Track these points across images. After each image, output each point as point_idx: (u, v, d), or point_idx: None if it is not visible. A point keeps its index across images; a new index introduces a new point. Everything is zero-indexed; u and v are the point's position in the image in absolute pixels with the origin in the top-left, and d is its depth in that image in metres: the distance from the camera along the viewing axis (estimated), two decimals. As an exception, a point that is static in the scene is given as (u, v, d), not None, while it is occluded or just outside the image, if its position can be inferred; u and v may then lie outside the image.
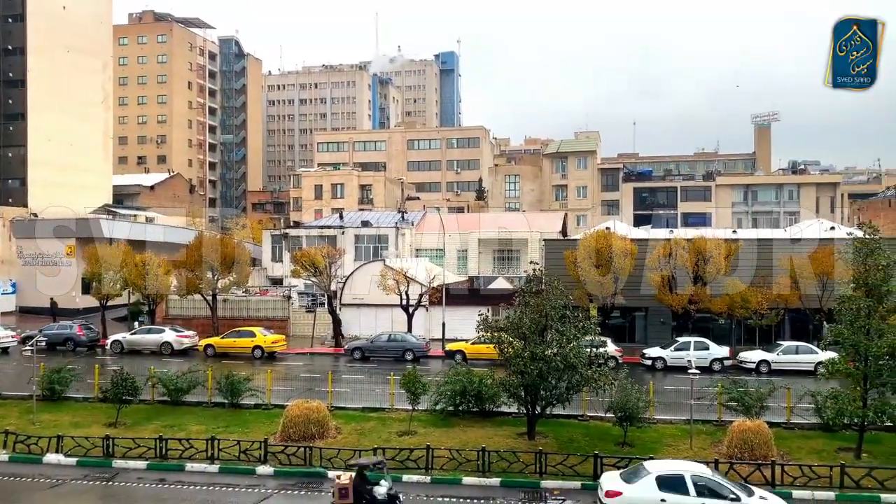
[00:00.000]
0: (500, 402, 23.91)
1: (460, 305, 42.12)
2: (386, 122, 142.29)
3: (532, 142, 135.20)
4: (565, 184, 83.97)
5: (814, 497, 18.38)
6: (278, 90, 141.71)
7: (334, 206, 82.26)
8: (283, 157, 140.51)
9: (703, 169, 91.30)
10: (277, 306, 47.44)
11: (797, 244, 39.26)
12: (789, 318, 38.91)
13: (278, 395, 27.19)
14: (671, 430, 23.20)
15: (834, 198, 77.21)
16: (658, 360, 35.18)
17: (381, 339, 38.43)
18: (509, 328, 22.08)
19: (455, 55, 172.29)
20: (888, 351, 19.73)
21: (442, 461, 20.14)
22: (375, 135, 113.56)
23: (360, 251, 54.73)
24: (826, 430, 22.42)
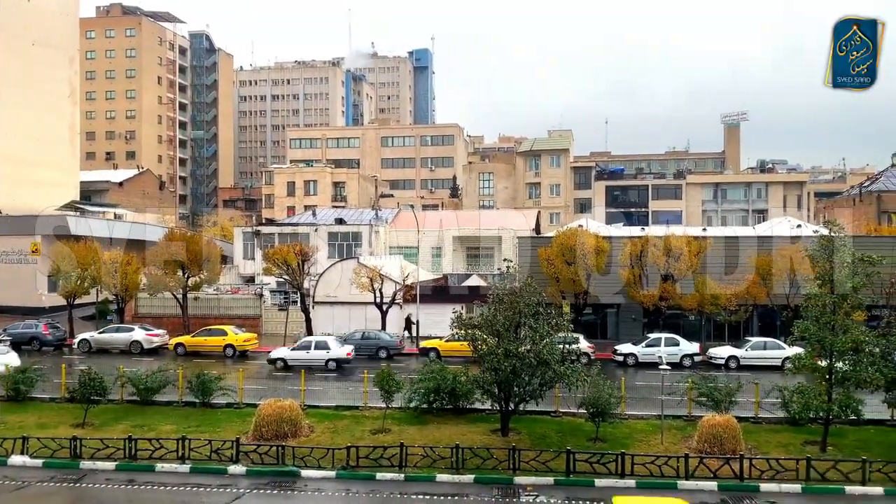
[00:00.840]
0: (473, 398, 23.99)
1: (434, 303, 42.10)
2: (359, 119, 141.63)
3: (506, 140, 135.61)
4: (539, 182, 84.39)
5: (781, 490, 18.77)
6: (250, 86, 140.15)
7: (307, 203, 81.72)
8: (255, 153, 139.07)
9: (673, 167, 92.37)
10: (249, 304, 46.97)
11: (765, 242, 39.99)
12: (757, 314, 39.59)
13: (250, 393, 26.94)
14: (642, 425, 23.50)
15: (801, 196, 78.72)
16: (629, 356, 35.58)
17: (354, 337, 38.25)
18: (483, 325, 22.16)
19: (429, 52, 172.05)
20: (852, 346, 20.19)
21: (416, 459, 20.16)
22: (349, 131, 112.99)
23: (333, 249, 54.41)
24: (793, 424, 22.89)
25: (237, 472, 20.00)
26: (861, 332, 20.42)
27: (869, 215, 50.86)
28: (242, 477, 19.85)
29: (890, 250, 34.34)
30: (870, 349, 20.35)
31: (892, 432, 22.95)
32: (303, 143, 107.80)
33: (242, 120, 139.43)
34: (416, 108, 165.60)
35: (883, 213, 50.93)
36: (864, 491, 18.63)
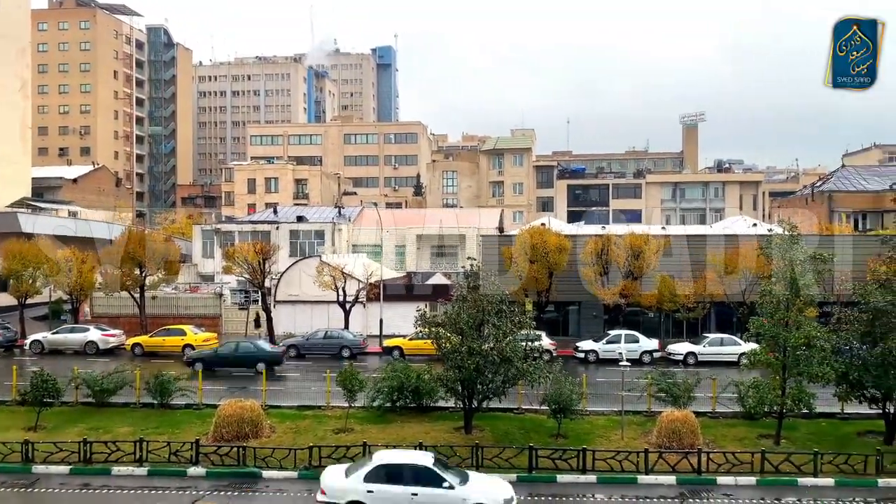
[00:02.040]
0: (437, 396, 24.01)
1: (398, 301, 42.04)
2: (322, 116, 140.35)
3: (469, 138, 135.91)
4: (502, 180, 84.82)
5: (737, 482, 19.21)
6: (210, 81, 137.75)
7: (268, 200, 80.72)
8: (215, 150, 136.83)
9: (633, 167, 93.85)
10: (209, 303, 46.22)
11: (722, 240, 40.86)
12: (715, 311, 40.43)
13: (210, 394, 26.53)
14: (603, 421, 23.80)
15: (756, 196, 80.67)
16: (591, 352, 36.01)
17: (317, 337, 37.97)
18: (447, 323, 22.18)
19: (392, 50, 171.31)
20: (805, 342, 20.77)
21: (379, 457, 20.05)
22: (311, 128, 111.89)
23: (295, 247, 53.90)
24: (748, 419, 23.44)
25: (197, 474, 19.65)
26: (813, 328, 21.00)
27: (821, 214, 52.34)
28: (202, 479, 19.52)
29: (840, 249, 35.54)
30: (821, 345, 20.93)
31: (842, 425, 23.70)
32: (264, 139, 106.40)
33: (202, 116, 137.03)
34: (380, 106, 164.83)
35: (834, 213, 52.49)
36: (815, 482, 19.19)
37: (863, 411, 23.54)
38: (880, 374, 21.08)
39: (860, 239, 40.94)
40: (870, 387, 21.53)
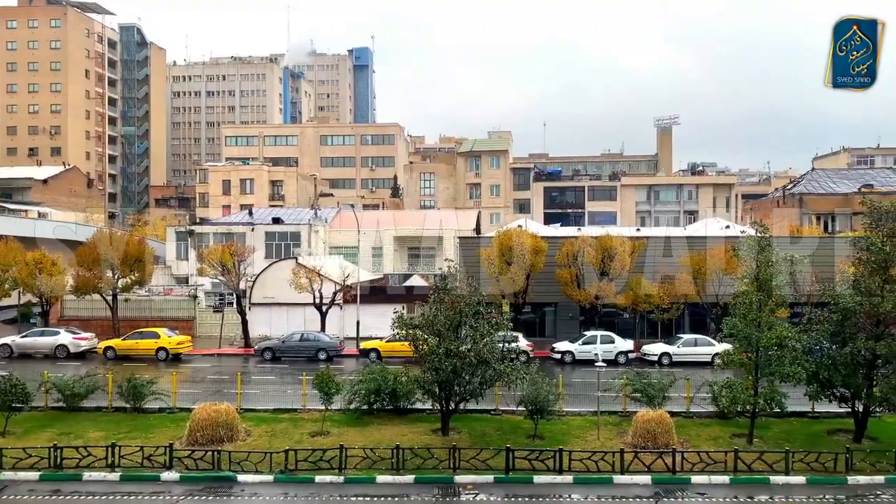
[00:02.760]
0: (414, 399, 23.95)
1: (375, 303, 41.91)
2: (298, 117, 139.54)
3: (447, 140, 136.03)
4: (479, 182, 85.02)
5: (710, 481, 19.44)
6: (184, 81, 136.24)
7: (243, 202, 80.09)
8: (189, 150, 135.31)
9: (609, 169, 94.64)
10: (183, 306, 45.71)
11: (696, 242, 41.38)
12: (689, 312, 40.92)
13: (184, 398, 26.21)
14: (579, 421, 23.95)
15: (729, 198, 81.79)
16: (567, 353, 36.23)
17: (293, 339, 37.72)
18: (424, 325, 22.15)
19: (369, 51, 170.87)
20: (777, 342, 21.10)
21: (356, 460, 20.00)
22: (287, 129, 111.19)
23: (270, 249, 53.49)
24: (722, 418, 23.75)
25: (171, 479, 19.40)
26: (785, 329, 21.31)
27: (792, 216, 53.22)
28: (176, 483, 19.28)
29: (810, 250, 36.20)
30: (792, 345, 21.27)
31: (813, 423, 24.11)
32: (239, 140, 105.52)
33: (176, 116, 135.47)
34: (357, 107, 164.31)
35: (805, 215, 53.42)
36: (787, 480, 19.50)
37: (833, 410, 23.96)
38: (849, 373, 21.48)
39: (830, 240, 41.67)
40: (839, 386, 21.93)
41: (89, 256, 39.63)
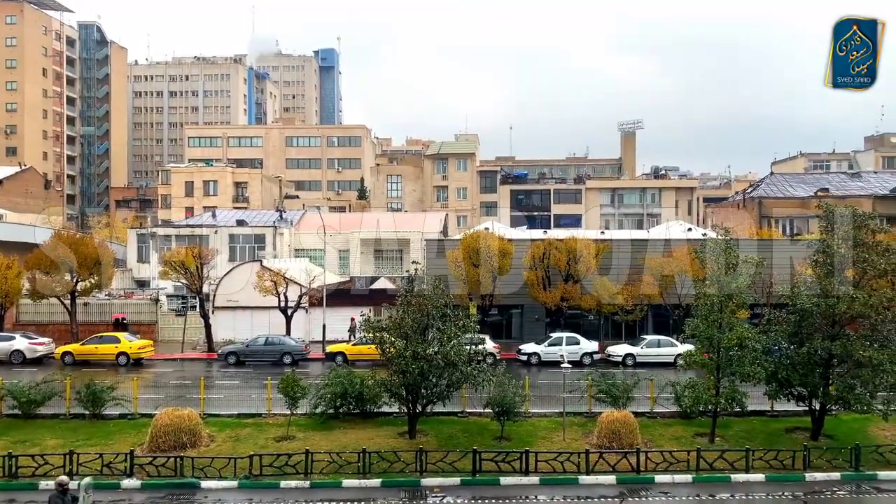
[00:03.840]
0: (381, 402, 23.87)
1: (341, 306, 41.67)
2: (263, 118, 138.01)
3: (414, 142, 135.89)
4: (446, 185, 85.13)
5: (674, 480, 19.76)
6: (146, 81, 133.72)
7: (206, 204, 78.87)
8: (151, 151, 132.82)
9: (574, 173, 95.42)
10: (144, 310, 44.85)
11: (659, 244, 42.00)
12: (652, 313, 41.51)
13: (146, 403, 25.70)
14: (545, 422, 24.12)
15: (691, 201, 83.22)
16: (533, 355, 36.48)
17: (257, 343, 37.30)
18: (391, 328, 22.11)
19: (335, 52, 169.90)
20: (737, 343, 21.54)
21: (322, 465, 19.84)
22: (251, 130, 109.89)
23: (234, 251, 52.85)
24: (684, 418, 24.15)
25: (131, 487, 19.00)
26: (745, 330, 21.76)
27: (751, 219, 54.39)
28: (137, 491, 18.89)
29: (769, 252, 37.05)
30: (752, 345, 21.72)
31: (772, 422, 24.67)
32: (202, 141, 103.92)
33: (137, 116, 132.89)
34: (323, 109, 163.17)
35: (764, 218, 54.62)
36: (747, 478, 19.91)
37: (791, 409, 24.55)
38: (806, 372, 22.03)
39: (788, 243, 42.70)
40: (797, 385, 22.47)
41: (46, 259, 38.60)
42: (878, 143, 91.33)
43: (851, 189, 56.80)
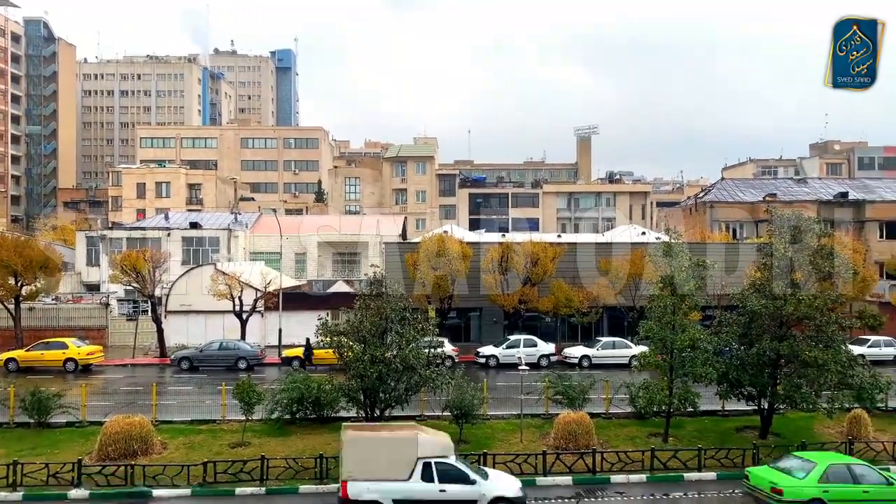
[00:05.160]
0: (339, 407, 23.70)
1: (298, 310, 41.19)
2: (217, 119, 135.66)
3: (372, 145, 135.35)
4: (405, 188, 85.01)
5: (629, 480, 20.08)
6: (96, 80, 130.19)
7: (159, 206, 77.23)
8: (101, 152, 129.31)
9: (531, 177, 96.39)
10: (94, 314, 43.62)
11: (614, 248, 42.69)
12: (607, 315, 42.15)
13: (95, 410, 24.99)
14: (503, 424, 24.26)
15: (645, 205, 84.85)
16: (491, 357, 36.67)
17: (211, 348, 36.61)
18: (349, 332, 21.97)
19: (292, 53, 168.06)
20: (690, 344, 22.02)
21: (278, 471, 19.57)
22: (206, 131, 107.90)
23: (188, 254, 51.78)
24: (639, 418, 24.56)
25: (79, 497, 18.43)
26: (697, 331, 22.27)
27: (703, 223, 55.67)
28: (85, 501, 18.33)
29: (721, 256, 37.97)
30: (704, 346, 22.26)
31: (723, 421, 25.28)
32: (155, 142, 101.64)
33: (87, 116, 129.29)
34: (279, 110, 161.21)
35: (715, 222, 55.95)
36: (699, 476, 20.37)
37: (741, 408, 25.21)
38: (755, 373, 22.66)
39: (737, 246, 43.84)
40: (747, 385, 23.09)
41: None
42: (822, 151, 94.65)
43: (798, 194, 58.61)
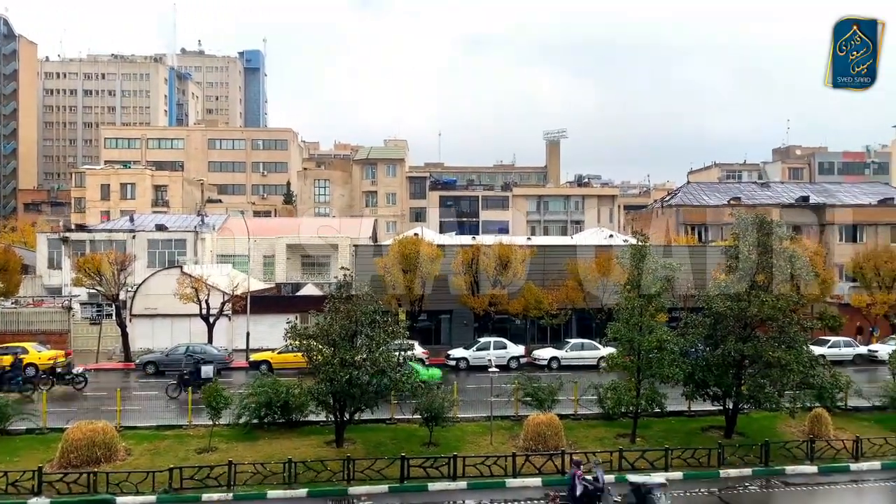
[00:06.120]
0: (307, 411, 23.50)
1: (267, 314, 40.79)
2: (184, 120, 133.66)
3: (342, 147, 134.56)
4: (375, 190, 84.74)
5: (597, 480, 20.20)
6: (58, 79, 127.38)
7: (124, 207, 75.78)
8: (64, 152, 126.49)
9: (501, 180, 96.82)
10: (56, 318, 42.57)
11: (582, 250, 43.09)
12: (576, 317, 42.49)
13: (57, 417, 24.43)
14: (473, 427, 24.30)
15: (612, 209, 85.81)
16: (461, 360, 36.73)
17: (177, 352, 36.01)
18: (319, 335, 21.80)
19: (261, 54, 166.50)
20: (657, 345, 22.32)
21: (245, 476, 19.34)
22: (172, 132, 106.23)
23: (154, 257, 50.91)
24: (607, 419, 24.80)
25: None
26: (664, 333, 22.59)
27: (669, 226, 56.45)
28: (46, 510, 17.89)
29: (687, 258, 38.53)
30: (671, 347, 22.59)
31: (689, 422, 25.65)
32: (119, 142, 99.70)
33: (49, 115, 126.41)
34: (247, 111, 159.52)
35: (681, 225, 56.78)
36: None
37: (707, 408, 25.62)
38: (721, 373, 23.05)
39: (703, 249, 44.55)
40: (712, 385, 23.47)
41: (-55, 265, 36.19)
42: (784, 156, 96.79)
43: (761, 198, 59.82)
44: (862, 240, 54.49)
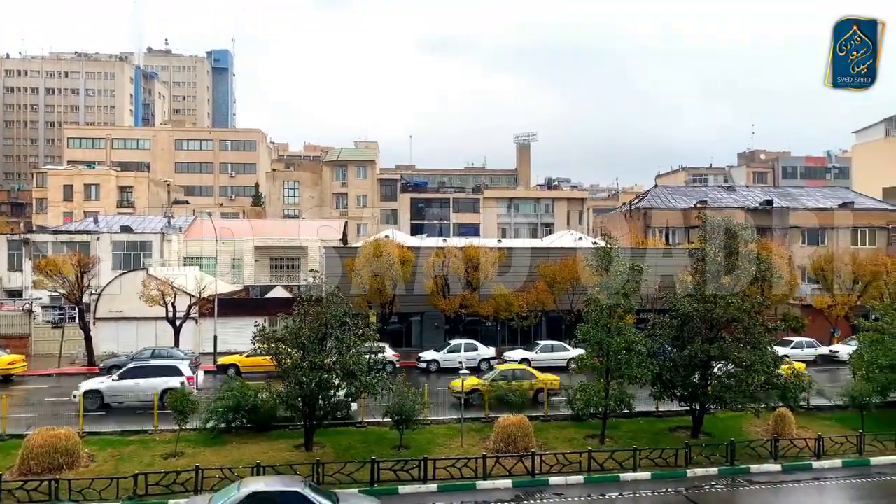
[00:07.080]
0: (277, 415, 23.22)
1: (235, 317, 40.31)
2: (150, 120, 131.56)
3: (312, 148, 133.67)
4: (346, 192, 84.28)
5: (567, 482, 20.38)
6: (19, 76, 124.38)
7: (88, 209, 74.23)
8: (25, 152, 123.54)
9: (472, 182, 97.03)
10: (15, 322, 41.59)
11: (552, 252, 43.40)
12: (546, 319, 42.77)
13: (17, 423, 23.83)
14: (444, 429, 24.28)
15: (582, 211, 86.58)
16: (432, 362, 36.67)
17: (142, 356, 35.34)
18: (288, 338, 21.58)
19: (229, 54, 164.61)
20: (625, 346, 22.55)
21: (213, 482, 19.02)
22: (138, 132, 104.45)
23: (118, 259, 50.02)
24: (577, 420, 24.98)
25: (-2, 515, 17.50)
26: (632, 334, 22.85)
27: (637, 229, 57.08)
28: (5, 519, 17.42)
29: (654, 260, 39.03)
30: (639, 349, 22.84)
31: (657, 422, 25.97)
32: (83, 142, 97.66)
33: (9, 114, 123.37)
34: (215, 111, 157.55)
35: (649, 228, 57.50)
36: (635, 476, 20.86)
37: (674, 409, 25.95)
38: (687, 374, 23.39)
39: (670, 251, 45.14)
40: (679, 386, 23.79)
41: None
42: (749, 160, 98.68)
43: (727, 202, 60.81)
44: (823, 243, 55.80)
